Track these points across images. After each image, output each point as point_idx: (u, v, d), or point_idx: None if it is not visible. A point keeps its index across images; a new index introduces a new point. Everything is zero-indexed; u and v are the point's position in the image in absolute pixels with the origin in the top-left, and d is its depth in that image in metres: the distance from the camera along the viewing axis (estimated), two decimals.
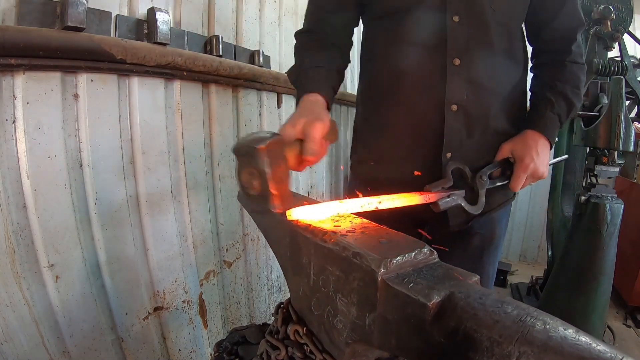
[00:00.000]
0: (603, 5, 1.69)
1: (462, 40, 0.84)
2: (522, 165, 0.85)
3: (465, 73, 0.84)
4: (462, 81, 0.84)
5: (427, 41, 0.85)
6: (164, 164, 1.23)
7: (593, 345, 0.31)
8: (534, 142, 0.87)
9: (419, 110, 0.88)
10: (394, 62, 0.90)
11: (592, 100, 1.67)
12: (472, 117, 0.87)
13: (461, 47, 0.84)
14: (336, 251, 0.49)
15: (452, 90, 0.84)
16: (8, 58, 0.83)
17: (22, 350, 0.93)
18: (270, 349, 0.65)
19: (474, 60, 0.84)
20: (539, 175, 0.87)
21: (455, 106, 0.85)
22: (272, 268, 1.85)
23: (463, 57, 0.84)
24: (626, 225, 1.65)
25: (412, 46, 0.86)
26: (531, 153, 0.85)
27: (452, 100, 0.85)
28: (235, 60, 1.47)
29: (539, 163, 0.86)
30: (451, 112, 0.86)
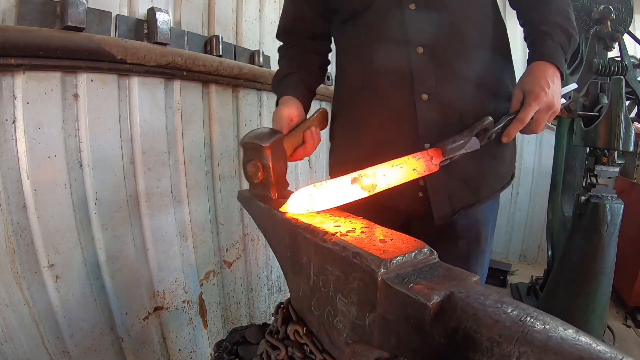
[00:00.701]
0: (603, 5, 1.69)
1: (424, 28, 0.82)
2: (533, 96, 0.78)
3: (432, 60, 0.82)
4: (429, 69, 0.82)
5: (390, 34, 0.84)
6: (164, 164, 1.23)
7: (593, 346, 0.31)
8: (541, 72, 0.81)
9: (392, 104, 0.86)
10: (361, 61, 0.90)
11: (592, 100, 1.67)
12: (445, 104, 0.84)
13: (422, 34, 0.82)
14: (336, 251, 0.49)
15: (420, 79, 0.83)
16: (8, 58, 0.83)
17: (22, 350, 0.93)
18: (270, 349, 0.65)
19: (439, 47, 0.82)
20: (552, 107, 0.80)
21: (426, 95, 0.83)
22: (272, 268, 1.85)
23: (426, 44, 0.82)
24: (626, 225, 1.64)
25: (376, 42, 0.86)
26: (540, 82, 0.78)
27: (422, 90, 0.83)
28: (235, 60, 1.47)
29: (551, 92, 0.79)
30: (422, 102, 0.83)
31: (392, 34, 0.83)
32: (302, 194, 0.62)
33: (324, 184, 0.63)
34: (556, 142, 2.19)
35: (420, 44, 0.82)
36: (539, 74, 0.80)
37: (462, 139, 0.76)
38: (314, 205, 0.61)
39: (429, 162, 0.72)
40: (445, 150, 0.74)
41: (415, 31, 0.82)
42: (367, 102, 0.91)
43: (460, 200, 0.89)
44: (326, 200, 0.62)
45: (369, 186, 0.64)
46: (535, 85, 0.78)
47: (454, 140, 0.75)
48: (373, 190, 0.65)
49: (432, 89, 0.83)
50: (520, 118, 0.79)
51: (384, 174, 0.66)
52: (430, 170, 0.73)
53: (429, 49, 0.82)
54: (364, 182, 0.64)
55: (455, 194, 0.88)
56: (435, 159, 0.73)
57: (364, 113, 0.92)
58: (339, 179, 0.64)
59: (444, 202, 0.88)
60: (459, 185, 0.88)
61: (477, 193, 0.91)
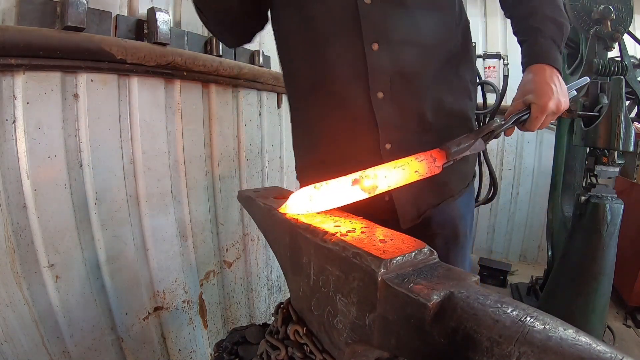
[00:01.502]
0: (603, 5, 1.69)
1: (377, 21, 0.76)
2: (540, 107, 0.75)
3: (386, 56, 0.78)
4: (384, 65, 0.78)
5: (341, 28, 0.78)
6: (164, 164, 1.23)
7: (593, 346, 0.31)
8: (541, 75, 0.77)
9: (348, 104, 0.82)
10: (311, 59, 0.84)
11: (592, 100, 1.67)
12: (403, 103, 0.81)
13: (377, 29, 0.77)
14: (336, 251, 0.49)
15: (375, 77, 0.78)
16: (8, 58, 0.83)
17: (22, 350, 0.93)
18: (270, 349, 0.65)
19: (393, 40, 0.78)
20: (560, 109, 0.77)
21: (381, 93, 0.79)
22: (272, 268, 1.85)
23: (381, 39, 0.77)
24: (626, 225, 1.64)
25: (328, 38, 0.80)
26: (544, 89, 0.75)
27: (377, 88, 0.79)
28: (235, 60, 1.47)
29: (557, 96, 0.76)
30: (379, 100, 0.80)
31: (345, 27, 0.78)
32: (301, 194, 0.61)
33: (324, 184, 0.62)
34: (556, 142, 2.19)
35: (375, 39, 0.77)
36: (540, 78, 0.77)
37: (467, 141, 0.74)
38: (313, 207, 0.61)
39: (432, 164, 0.71)
40: (450, 152, 0.72)
41: (370, 25, 0.76)
42: (321, 104, 0.86)
43: (424, 202, 0.87)
44: (326, 201, 0.62)
45: (369, 188, 0.64)
46: (541, 96, 0.75)
47: (458, 143, 0.73)
48: (374, 192, 0.65)
49: (388, 86, 0.79)
50: (527, 128, 0.78)
51: (385, 175, 0.66)
52: (432, 172, 0.71)
53: (385, 44, 0.78)
54: (365, 183, 0.64)
55: (420, 196, 0.86)
56: (438, 161, 0.72)
57: (320, 115, 0.87)
58: (340, 180, 0.63)
59: (409, 205, 0.86)
60: (423, 187, 0.82)
61: (441, 194, 0.89)
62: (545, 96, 0.75)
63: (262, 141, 1.71)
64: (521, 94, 0.79)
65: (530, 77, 0.79)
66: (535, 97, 0.76)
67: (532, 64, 0.80)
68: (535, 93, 0.76)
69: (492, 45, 2.94)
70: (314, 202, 0.61)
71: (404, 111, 0.82)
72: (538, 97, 0.76)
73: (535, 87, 0.77)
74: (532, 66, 0.80)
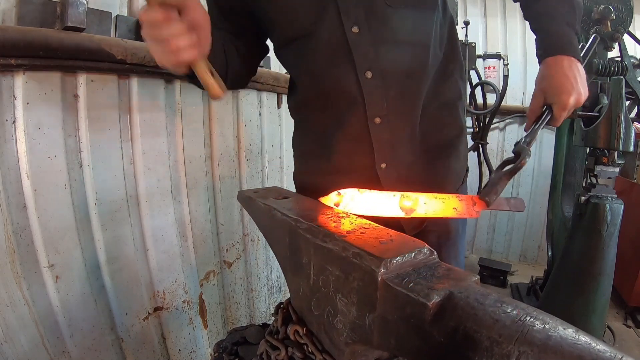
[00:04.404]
0: (603, 5, 1.69)
1: (368, 51, 0.77)
2: (561, 106, 0.74)
3: (381, 83, 0.79)
4: (379, 92, 0.80)
5: (335, 58, 0.79)
6: (164, 164, 1.23)
7: (592, 345, 0.31)
8: (559, 69, 0.75)
9: (346, 128, 0.85)
10: (311, 85, 0.86)
11: (592, 101, 1.67)
12: (398, 126, 0.83)
13: (368, 57, 0.78)
14: (336, 251, 0.49)
15: (371, 103, 0.80)
16: (8, 58, 0.83)
17: (22, 350, 0.93)
18: (270, 349, 0.65)
19: (386, 68, 0.79)
20: (582, 100, 0.76)
21: (379, 119, 0.82)
22: (272, 268, 1.85)
23: (373, 67, 0.78)
24: (626, 225, 1.64)
25: (323, 66, 0.81)
26: (566, 86, 0.73)
27: (374, 114, 0.81)
28: None
29: (578, 88, 0.74)
30: (376, 125, 0.82)
31: (338, 59, 0.79)
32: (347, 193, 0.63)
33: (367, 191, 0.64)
34: (556, 142, 2.19)
35: (368, 68, 0.78)
36: (558, 74, 0.75)
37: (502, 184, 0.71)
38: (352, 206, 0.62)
39: (470, 207, 0.70)
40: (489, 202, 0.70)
41: (362, 55, 0.78)
42: (322, 122, 0.88)
43: None
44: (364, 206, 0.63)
45: (407, 208, 0.64)
46: (561, 93, 0.74)
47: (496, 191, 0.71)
48: (410, 214, 0.65)
49: (384, 111, 0.81)
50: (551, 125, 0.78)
51: (425, 202, 0.66)
52: (470, 215, 0.70)
53: (378, 72, 0.79)
54: (404, 203, 0.64)
55: None
56: (477, 207, 0.71)
57: (321, 131, 0.90)
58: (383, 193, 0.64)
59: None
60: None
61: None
62: (566, 93, 0.73)
63: (262, 141, 1.71)
64: (540, 90, 0.78)
65: (546, 71, 0.77)
66: (555, 95, 0.74)
67: (548, 56, 0.78)
68: (555, 91, 0.74)
69: (492, 45, 2.94)
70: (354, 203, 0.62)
71: (399, 133, 0.84)
72: (558, 96, 0.74)
73: (554, 84, 0.75)
74: (548, 59, 0.78)
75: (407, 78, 0.81)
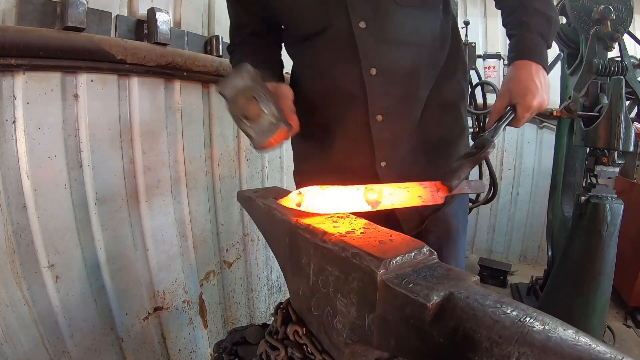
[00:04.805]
0: (603, 5, 1.68)
1: (373, 47, 0.79)
2: (524, 106, 0.76)
3: (384, 81, 0.80)
4: (382, 90, 0.81)
5: (341, 55, 0.81)
6: (164, 164, 1.23)
7: (592, 346, 0.31)
8: (525, 72, 0.78)
9: (347, 125, 0.86)
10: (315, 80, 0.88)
11: (592, 100, 1.67)
12: (399, 123, 0.84)
13: (374, 54, 0.79)
14: (336, 251, 0.49)
15: (374, 100, 0.81)
16: (8, 58, 0.83)
17: (22, 350, 0.93)
18: (269, 349, 0.65)
19: (390, 65, 0.80)
20: (544, 105, 0.79)
21: (380, 116, 0.83)
22: (272, 268, 1.85)
23: (378, 64, 0.79)
24: (626, 225, 1.64)
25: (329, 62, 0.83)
26: (530, 87, 0.76)
27: (376, 111, 0.82)
28: None
29: (541, 93, 0.77)
30: (377, 123, 0.83)
31: (344, 54, 0.81)
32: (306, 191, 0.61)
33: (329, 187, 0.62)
34: (556, 142, 2.19)
35: (372, 64, 0.79)
36: (525, 75, 0.78)
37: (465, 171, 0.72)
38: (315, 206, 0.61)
39: (435, 193, 0.71)
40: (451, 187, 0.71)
41: (367, 51, 0.79)
42: (323, 119, 0.89)
43: (426, 210, 0.88)
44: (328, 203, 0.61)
45: (372, 201, 0.63)
46: (526, 92, 0.76)
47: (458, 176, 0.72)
48: (376, 207, 0.64)
49: (386, 109, 0.82)
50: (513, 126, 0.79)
51: (390, 193, 0.65)
52: (435, 201, 0.71)
53: (382, 69, 0.80)
54: (369, 196, 0.63)
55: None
56: (441, 192, 0.71)
57: (322, 129, 0.90)
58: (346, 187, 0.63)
59: (414, 215, 0.87)
60: None
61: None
62: (530, 94, 0.76)
63: None
64: (505, 89, 0.80)
65: (514, 73, 0.80)
66: (520, 96, 0.76)
67: (518, 60, 0.80)
68: (520, 92, 0.77)
69: (492, 45, 2.94)
70: (316, 202, 0.61)
71: (400, 131, 0.85)
72: (522, 96, 0.76)
73: (519, 85, 0.77)
74: (517, 62, 0.80)
75: (411, 76, 0.82)
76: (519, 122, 0.79)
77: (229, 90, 0.61)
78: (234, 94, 0.61)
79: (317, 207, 0.61)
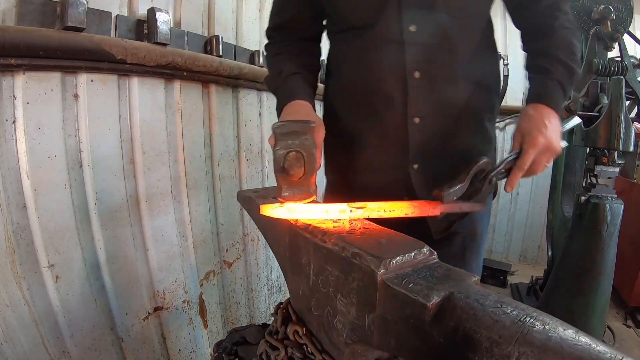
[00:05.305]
0: (603, 5, 1.68)
1: (421, 51, 0.81)
2: (530, 142, 0.77)
3: (426, 85, 0.82)
4: (423, 93, 0.82)
5: (387, 54, 0.82)
6: (164, 164, 1.23)
7: (592, 346, 0.31)
8: (538, 114, 0.79)
9: (384, 125, 0.87)
10: (358, 75, 0.88)
11: (592, 100, 1.67)
12: (436, 128, 0.85)
13: (420, 58, 0.81)
14: (336, 251, 0.49)
15: (414, 103, 0.83)
16: (8, 58, 0.83)
17: (22, 350, 0.93)
18: (269, 349, 0.65)
19: (434, 71, 0.82)
20: (551, 149, 0.78)
21: (418, 119, 0.84)
22: (272, 268, 1.85)
23: (423, 68, 0.81)
24: (626, 225, 1.64)
25: (373, 59, 0.84)
26: (538, 126, 0.77)
27: (415, 114, 0.83)
28: (236, 60, 1.47)
29: (550, 135, 0.77)
30: (414, 125, 0.84)
31: (390, 54, 0.82)
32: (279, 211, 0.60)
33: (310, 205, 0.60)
34: None
35: (417, 68, 0.81)
36: (537, 116, 0.79)
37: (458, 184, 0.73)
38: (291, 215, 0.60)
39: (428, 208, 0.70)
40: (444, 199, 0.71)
41: (414, 54, 0.81)
42: (359, 118, 0.90)
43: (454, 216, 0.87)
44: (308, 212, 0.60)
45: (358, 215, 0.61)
46: (532, 130, 0.78)
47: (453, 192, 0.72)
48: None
49: (425, 113, 0.84)
50: (519, 166, 0.79)
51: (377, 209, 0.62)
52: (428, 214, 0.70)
53: (426, 73, 0.81)
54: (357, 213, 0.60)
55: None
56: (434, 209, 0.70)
57: (356, 128, 0.91)
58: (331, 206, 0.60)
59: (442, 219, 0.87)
60: None
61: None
62: (537, 131, 0.77)
63: (262, 141, 1.71)
64: (518, 130, 0.81)
65: (528, 114, 0.81)
66: (527, 132, 0.78)
67: (533, 103, 0.82)
68: (528, 129, 0.78)
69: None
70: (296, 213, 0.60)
71: (434, 136, 0.86)
72: (529, 133, 0.78)
73: (529, 124, 0.79)
74: (533, 104, 0.82)
75: (452, 84, 0.84)
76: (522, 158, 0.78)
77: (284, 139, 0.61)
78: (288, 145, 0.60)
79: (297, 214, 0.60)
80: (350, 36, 0.87)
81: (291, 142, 0.60)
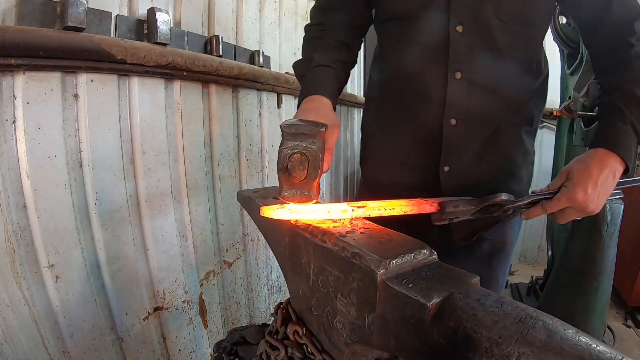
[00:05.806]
0: None
1: (465, 53, 0.79)
2: (569, 194, 0.69)
3: (467, 87, 0.80)
4: (463, 95, 0.81)
5: (430, 50, 0.81)
6: (164, 164, 1.23)
7: (593, 346, 0.31)
8: (596, 164, 0.69)
9: (420, 120, 0.85)
10: (399, 67, 0.87)
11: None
12: (472, 133, 0.84)
13: (464, 59, 0.79)
14: (335, 251, 0.49)
15: (452, 104, 0.81)
16: (8, 58, 0.83)
17: (22, 350, 0.93)
18: (269, 349, 0.65)
19: (476, 74, 0.80)
20: (587, 211, 0.70)
21: (454, 120, 0.82)
22: (272, 268, 1.85)
23: (465, 70, 0.79)
24: (626, 225, 1.64)
25: (415, 54, 0.83)
26: (586, 180, 0.68)
27: (452, 115, 0.82)
28: (236, 60, 1.47)
29: (593, 196, 0.68)
30: (450, 126, 0.83)
31: (433, 52, 0.80)
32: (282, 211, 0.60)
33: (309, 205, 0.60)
34: (556, 142, 2.19)
35: (459, 69, 0.79)
36: (592, 168, 0.69)
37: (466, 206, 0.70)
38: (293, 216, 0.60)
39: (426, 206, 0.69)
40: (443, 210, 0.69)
41: (457, 55, 0.79)
42: (396, 113, 0.90)
43: (480, 223, 0.86)
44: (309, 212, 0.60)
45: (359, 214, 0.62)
46: (578, 182, 0.68)
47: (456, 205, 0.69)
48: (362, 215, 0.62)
49: (462, 115, 0.82)
50: (545, 207, 0.72)
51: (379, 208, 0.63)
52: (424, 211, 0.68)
53: (468, 75, 0.80)
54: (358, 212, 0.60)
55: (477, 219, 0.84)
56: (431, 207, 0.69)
57: (393, 122, 0.91)
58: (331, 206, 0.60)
59: (466, 226, 0.85)
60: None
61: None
62: (582, 188, 0.68)
63: (262, 141, 1.71)
64: (569, 168, 0.73)
65: (586, 160, 0.72)
66: (572, 183, 0.70)
67: (598, 146, 0.72)
68: (576, 181, 0.69)
69: None
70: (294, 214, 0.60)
71: (468, 141, 0.84)
72: (573, 184, 0.69)
73: (579, 175, 0.70)
74: (596, 149, 0.72)
75: (493, 90, 0.82)
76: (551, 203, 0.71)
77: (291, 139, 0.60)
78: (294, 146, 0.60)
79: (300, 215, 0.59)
80: (394, 26, 0.86)
81: (298, 143, 0.59)
